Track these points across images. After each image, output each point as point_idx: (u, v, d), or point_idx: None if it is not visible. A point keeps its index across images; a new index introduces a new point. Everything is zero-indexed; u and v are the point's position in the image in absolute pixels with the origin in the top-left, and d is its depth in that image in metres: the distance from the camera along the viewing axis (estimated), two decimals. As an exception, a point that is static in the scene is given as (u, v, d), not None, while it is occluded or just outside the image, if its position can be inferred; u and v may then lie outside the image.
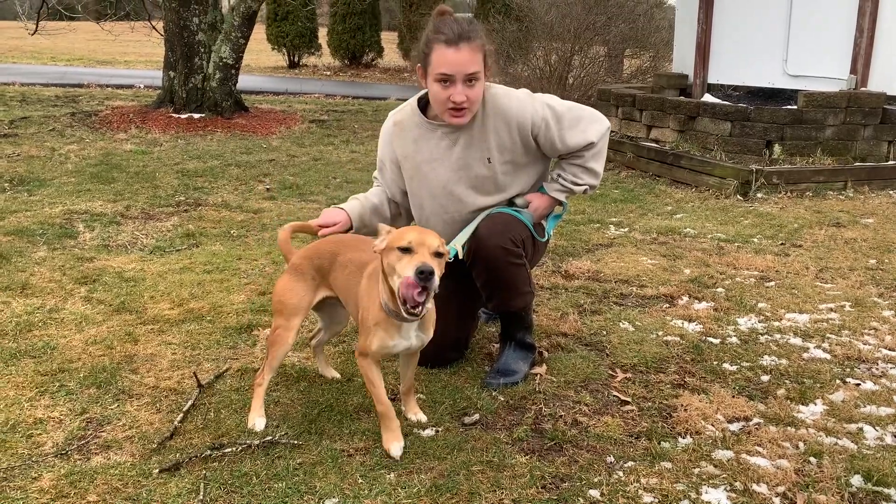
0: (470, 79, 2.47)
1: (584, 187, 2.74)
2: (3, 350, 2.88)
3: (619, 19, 11.74)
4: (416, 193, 2.76)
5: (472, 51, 2.45)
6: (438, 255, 2.04)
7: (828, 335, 3.25)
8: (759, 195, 5.99)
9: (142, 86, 13.55)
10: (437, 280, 1.98)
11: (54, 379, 2.67)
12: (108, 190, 5.68)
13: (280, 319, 2.43)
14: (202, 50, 9.29)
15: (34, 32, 11.02)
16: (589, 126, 2.68)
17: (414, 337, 2.25)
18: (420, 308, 2.01)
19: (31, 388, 2.60)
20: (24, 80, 13.59)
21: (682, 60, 8.45)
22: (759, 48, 7.55)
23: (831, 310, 3.55)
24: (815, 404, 2.64)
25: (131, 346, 2.96)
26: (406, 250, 2.03)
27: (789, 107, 6.69)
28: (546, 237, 2.84)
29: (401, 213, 2.90)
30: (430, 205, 2.74)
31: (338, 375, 2.75)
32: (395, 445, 2.24)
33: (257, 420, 2.39)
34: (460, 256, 2.53)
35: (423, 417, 2.46)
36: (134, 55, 21.19)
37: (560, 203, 2.81)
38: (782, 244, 4.70)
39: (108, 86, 13.51)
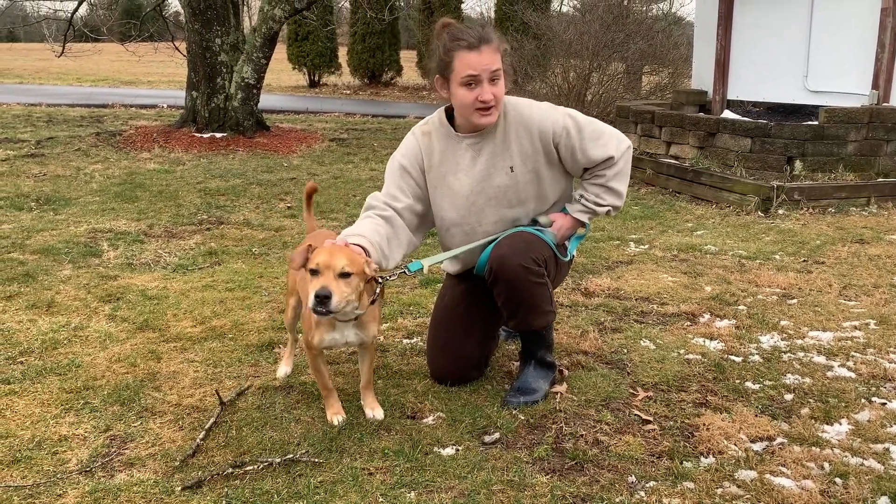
0: (493, 77, 2.55)
1: (606, 208, 2.75)
2: (30, 367, 2.92)
3: (638, 36, 11.75)
4: (438, 204, 2.77)
5: (493, 51, 2.55)
6: (344, 275, 2.20)
7: (852, 353, 3.21)
8: (780, 211, 5.95)
9: (165, 105, 13.76)
10: (336, 300, 2.17)
11: (79, 396, 2.70)
12: (131, 209, 5.76)
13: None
14: (224, 70, 9.42)
15: (61, 54, 11.24)
16: (609, 141, 2.70)
17: (353, 334, 2.46)
18: (324, 314, 2.23)
19: (56, 405, 2.63)
20: (51, 101, 13.86)
21: (701, 77, 8.43)
22: (779, 64, 7.52)
23: (855, 327, 3.51)
24: (840, 424, 2.60)
25: (154, 364, 2.99)
26: (314, 272, 2.23)
27: (810, 123, 6.64)
28: (568, 257, 2.83)
29: (422, 223, 2.81)
30: (451, 215, 2.76)
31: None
32: (336, 417, 2.54)
33: (280, 367, 2.91)
34: (425, 272, 2.69)
35: (379, 415, 2.58)
36: (157, 75, 21.53)
37: (583, 224, 2.81)
38: (805, 261, 4.65)
39: (131, 106, 13.74)
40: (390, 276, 2.64)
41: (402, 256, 2.67)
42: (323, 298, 2.14)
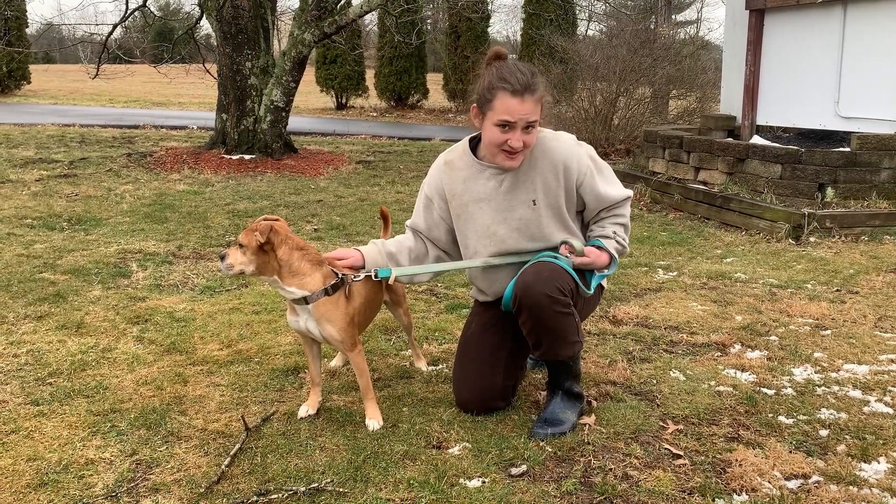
0: (528, 126, 2.56)
1: (626, 251, 2.83)
2: (58, 389, 2.94)
3: (665, 61, 11.74)
4: (461, 232, 2.81)
5: (534, 101, 2.55)
6: (240, 246, 2.57)
7: (889, 388, 3.12)
8: (811, 239, 5.85)
9: (195, 127, 13.96)
10: (227, 261, 2.55)
11: (106, 419, 2.71)
12: (160, 230, 5.82)
13: None
14: (254, 93, 9.55)
15: (95, 76, 11.46)
16: (620, 185, 2.83)
17: (313, 325, 2.64)
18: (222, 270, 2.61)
19: (83, 428, 2.64)
20: (84, 122, 14.12)
21: (730, 102, 8.37)
22: (810, 89, 7.44)
23: (892, 361, 3.42)
24: (878, 462, 2.52)
25: (181, 387, 2.99)
26: None
27: (842, 149, 6.55)
28: (591, 291, 2.77)
29: (446, 254, 2.92)
30: (473, 244, 2.78)
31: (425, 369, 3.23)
32: (302, 408, 2.79)
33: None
34: (390, 282, 2.79)
35: (372, 425, 2.68)
36: (188, 97, 21.90)
37: (611, 259, 2.77)
38: (838, 290, 4.56)
39: (162, 127, 13.96)
40: (354, 277, 2.70)
41: (430, 272, 2.89)
42: (220, 257, 2.60)
